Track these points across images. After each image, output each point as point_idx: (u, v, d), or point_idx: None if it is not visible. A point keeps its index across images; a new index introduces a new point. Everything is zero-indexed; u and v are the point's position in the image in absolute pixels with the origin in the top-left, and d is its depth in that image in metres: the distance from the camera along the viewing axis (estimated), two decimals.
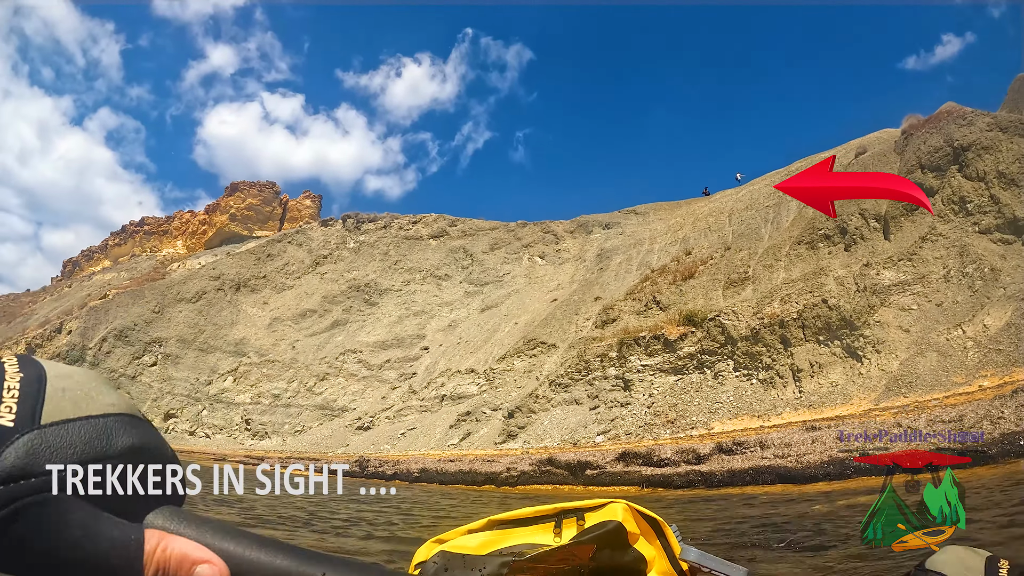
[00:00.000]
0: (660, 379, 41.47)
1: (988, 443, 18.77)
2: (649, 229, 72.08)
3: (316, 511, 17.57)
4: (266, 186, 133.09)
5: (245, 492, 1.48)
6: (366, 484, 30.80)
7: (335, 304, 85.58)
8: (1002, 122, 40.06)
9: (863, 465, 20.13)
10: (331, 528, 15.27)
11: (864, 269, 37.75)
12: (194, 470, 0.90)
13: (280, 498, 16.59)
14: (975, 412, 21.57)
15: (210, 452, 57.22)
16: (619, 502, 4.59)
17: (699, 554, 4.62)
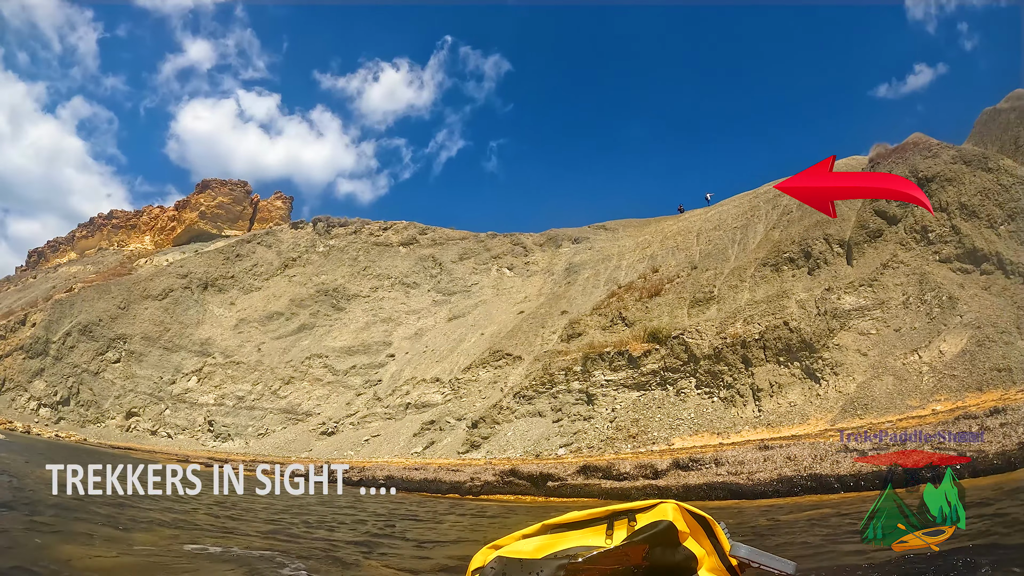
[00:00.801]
0: (623, 394, 41.92)
1: (927, 468, 19.39)
2: (618, 245, 72.53)
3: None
4: (237, 185, 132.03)
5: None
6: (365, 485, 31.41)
7: (302, 308, 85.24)
8: (966, 155, 41.05)
9: (810, 483, 20.80)
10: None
11: (825, 293, 38.45)
12: (194, 470, 1.11)
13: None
14: (916, 437, 22.23)
15: (172, 453, 56.89)
16: (669, 502, 4.99)
17: (749, 550, 5.03)
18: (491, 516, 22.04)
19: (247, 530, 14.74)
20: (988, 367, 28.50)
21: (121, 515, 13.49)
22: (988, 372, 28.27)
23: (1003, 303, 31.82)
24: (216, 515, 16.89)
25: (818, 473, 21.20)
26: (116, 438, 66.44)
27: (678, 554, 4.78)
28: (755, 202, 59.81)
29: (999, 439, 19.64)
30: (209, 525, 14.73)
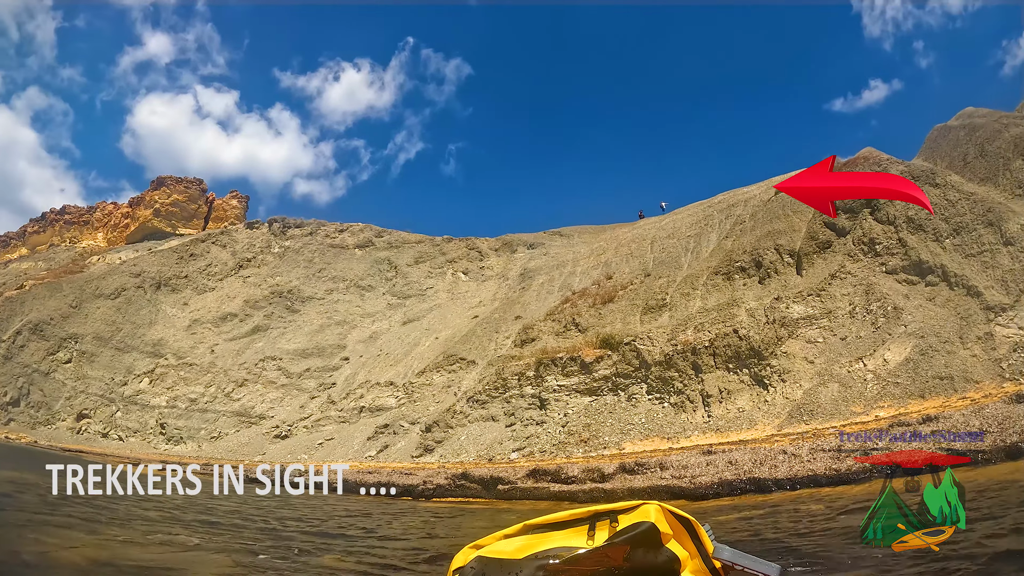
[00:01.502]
0: (575, 399, 42.16)
1: (860, 471, 20.24)
2: (573, 251, 73.01)
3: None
4: (193, 183, 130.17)
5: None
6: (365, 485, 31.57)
7: (257, 309, 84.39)
8: (915, 171, 41.97)
9: (748, 486, 21.35)
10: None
11: (775, 302, 39.09)
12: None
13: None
14: (852, 443, 23.04)
15: (124, 456, 55.92)
16: (652, 503, 5.03)
17: (733, 552, 5.09)
18: (443, 517, 22.21)
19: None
20: (930, 375, 29.20)
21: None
22: (930, 380, 28.97)
23: (946, 314, 32.57)
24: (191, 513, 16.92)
25: (756, 476, 21.79)
26: (67, 440, 65.04)
27: (660, 555, 4.77)
28: (709, 211, 60.50)
29: (928, 446, 20.11)
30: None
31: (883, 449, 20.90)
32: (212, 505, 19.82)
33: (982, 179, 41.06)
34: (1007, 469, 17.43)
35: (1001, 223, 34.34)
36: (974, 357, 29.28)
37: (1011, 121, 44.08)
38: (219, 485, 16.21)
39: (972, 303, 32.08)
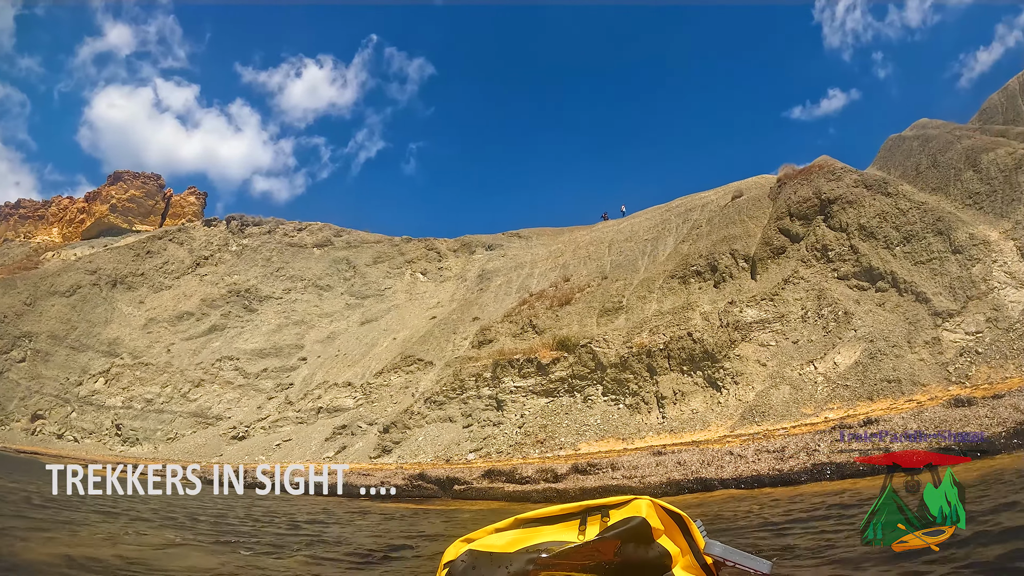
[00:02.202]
0: (532, 400, 42.39)
1: (801, 471, 20.80)
2: (531, 253, 73.24)
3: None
4: (150, 178, 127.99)
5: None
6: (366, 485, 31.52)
7: (214, 308, 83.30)
8: (868, 180, 42.71)
9: (695, 485, 21.85)
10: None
11: (729, 306, 39.58)
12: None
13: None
14: (796, 444, 23.73)
15: (80, 458, 55.06)
16: (643, 498, 5.04)
17: (724, 548, 5.12)
18: (399, 517, 22.27)
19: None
20: (879, 378, 29.75)
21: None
22: (879, 383, 29.51)
23: (895, 319, 33.17)
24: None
25: (703, 476, 22.22)
26: (21, 441, 63.62)
27: (652, 551, 4.72)
28: (667, 215, 61.00)
29: (867, 448, 20.70)
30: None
31: (824, 451, 21.53)
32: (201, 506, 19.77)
33: (934, 189, 41.84)
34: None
35: (950, 232, 35.04)
36: (921, 361, 29.87)
37: (963, 133, 44.97)
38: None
39: (920, 309, 32.69)
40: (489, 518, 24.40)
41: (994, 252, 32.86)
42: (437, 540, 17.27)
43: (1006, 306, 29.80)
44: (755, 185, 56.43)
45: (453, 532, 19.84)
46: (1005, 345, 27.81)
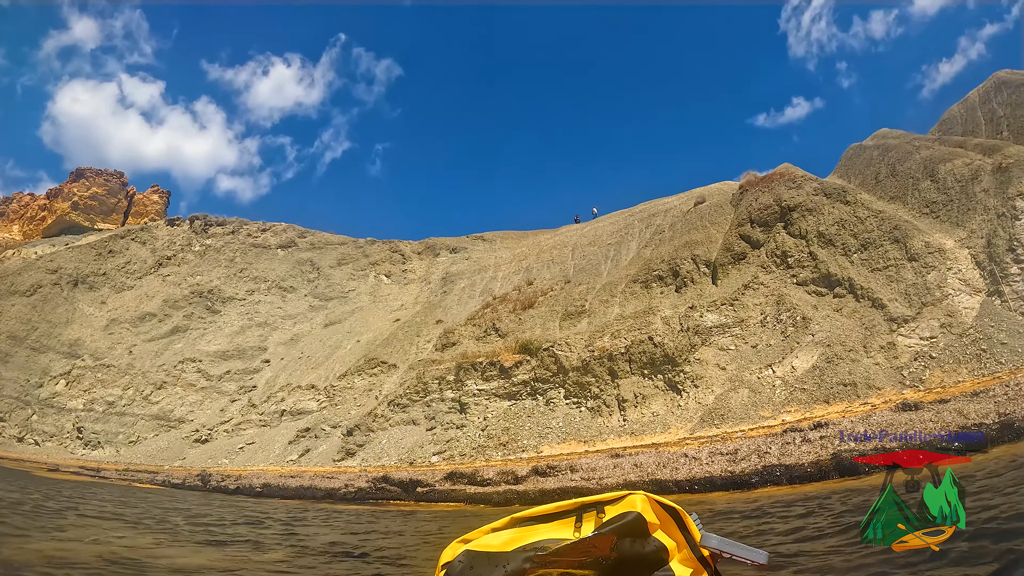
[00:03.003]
0: (495, 403, 42.60)
1: (752, 473, 21.25)
2: (495, 257, 73.61)
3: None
4: (113, 176, 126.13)
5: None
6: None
7: (176, 309, 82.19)
8: (827, 188, 43.36)
9: (651, 487, 22.33)
10: None
11: (689, 311, 40.03)
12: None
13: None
14: (748, 447, 24.22)
15: (42, 462, 54.33)
16: (638, 493, 5.08)
17: (720, 540, 5.16)
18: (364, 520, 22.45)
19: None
20: (835, 382, 30.27)
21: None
22: (835, 386, 30.03)
23: (852, 324, 33.75)
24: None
25: (658, 478, 22.62)
26: None
27: (648, 545, 4.74)
28: (630, 220, 61.49)
29: (817, 450, 21.22)
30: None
31: (775, 454, 21.95)
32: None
33: (892, 197, 42.57)
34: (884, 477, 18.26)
35: (906, 240, 35.69)
36: (877, 365, 30.45)
37: (922, 144, 45.75)
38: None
39: (876, 314, 33.29)
40: (450, 516, 24.56)
41: (949, 260, 33.55)
42: (400, 536, 17.41)
43: (960, 312, 30.48)
44: (718, 192, 57.03)
45: (418, 529, 20.00)
46: (958, 350, 28.44)
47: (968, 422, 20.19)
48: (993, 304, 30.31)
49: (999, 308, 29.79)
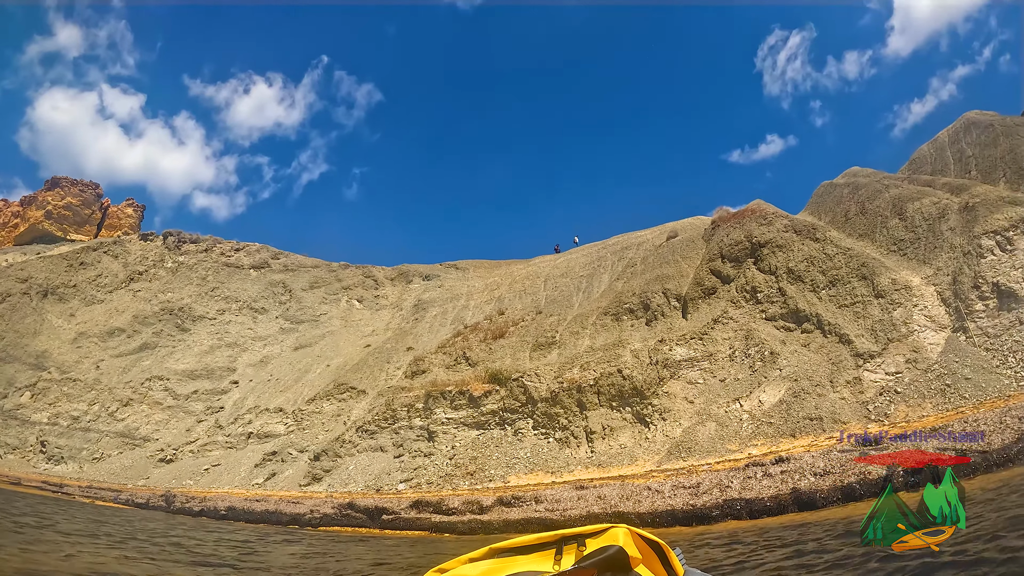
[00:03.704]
0: (463, 432, 42.51)
1: (713, 507, 21.45)
2: (467, 285, 73.77)
3: None
4: (88, 186, 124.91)
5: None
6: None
7: (146, 326, 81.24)
8: (797, 225, 43.92)
9: (613, 519, 22.42)
10: None
11: (659, 344, 40.28)
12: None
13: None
14: (710, 480, 24.46)
15: (3, 474, 53.49)
16: (620, 527, 4.98)
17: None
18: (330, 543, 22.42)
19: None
20: (802, 416, 30.50)
21: None
22: (802, 421, 30.25)
23: (819, 359, 34.08)
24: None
25: (621, 511, 22.78)
26: None
27: None
28: (602, 252, 61.98)
29: (777, 485, 21.41)
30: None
31: (736, 487, 22.09)
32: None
33: (861, 235, 43.22)
34: (843, 512, 18.59)
35: (874, 277, 36.18)
36: (843, 400, 30.74)
37: (892, 182, 46.53)
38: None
39: (843, 350, 33.65)
40: (411, 542, 24.48)
41: (915, 296, 34.08)
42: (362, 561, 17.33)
43: (925, 348, 30.89)
44: (690, 226, 57.59)
45: (381, 557, 19.94)
46: (923, 385, 28.78)
47: (926, 458, 20.43)
48: (958, 340, 30.73)
49: (964, 344, 30.19)
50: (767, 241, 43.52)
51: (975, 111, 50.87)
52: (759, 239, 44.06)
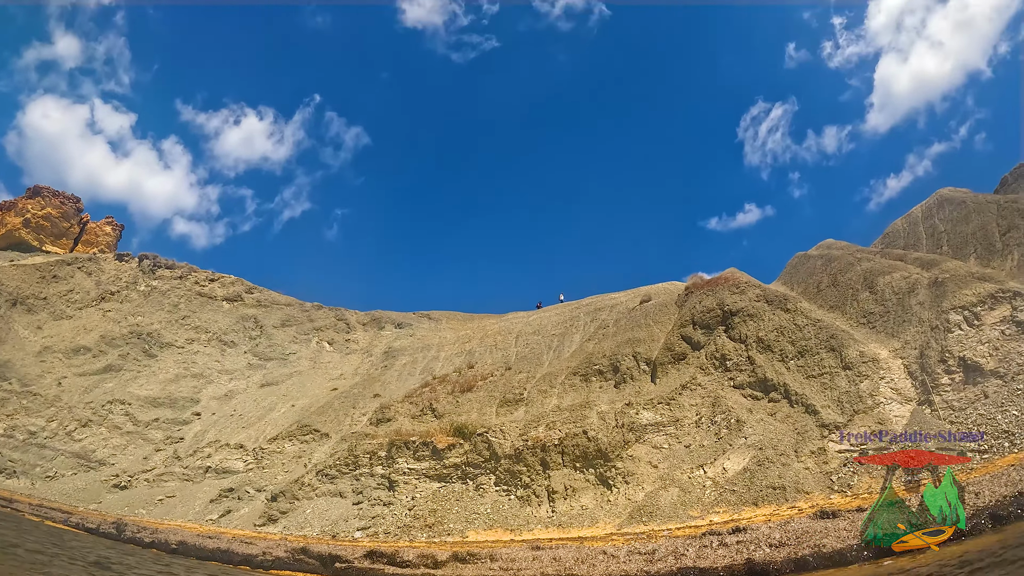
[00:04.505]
0: (424, 484, 42.09)
1: (667, 574, 21.43)
2: (439, 336, 73.60)
3: None
4: (70, 199, 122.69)
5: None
6: None
7: (113, 347, 79.48)
8: (769, 295, 44.43)
9: None
10: None
11: (626, 407, 40.42)
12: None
13: None
14: (666, 547, 24.43)
15: None
16: None
17: None
18: None
19: None
20: (765, 485, 30.56)
21: None
22: (765, 489, 30.31)
23: (785, 428, 34.28)
24: None
25: (575, 574, 22.72)
26: None
27: None
28: (576, 312, 62.39)
29: (732, 555, 21.41)
30: None
31: (692, 556, 22.06)
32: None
33: (832, 307, 43.77)
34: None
35: (842, 349, 36.60)
36: (807, 469, 30.86)
37: (864, 256, 47.29)
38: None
39: (809, 420, 33.91)
40: None
41: (882, 369, 34.53)
42: None
43: (890, 420, 31.19)
44: (664, 291, 58.12)
45: None
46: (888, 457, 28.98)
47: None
48: (923, 413, 31.04)
49: (928, 417, 30.48)
50: (739, 310, 43.95)
51: (949, 188, 52.04)
52: (731, 307, 44.49)
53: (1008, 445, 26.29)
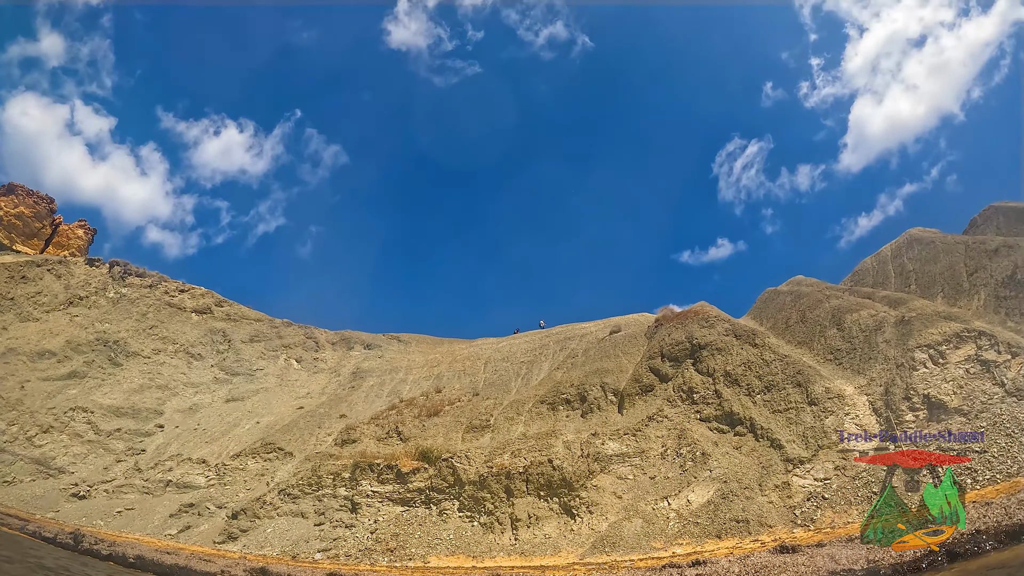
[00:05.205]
0: (387, 507, 41.82)
1: None
2: (408, 359, 73.27)
3: None
4: (44, 199, 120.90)
5: None
6: None
7: (78, 353, 78.01)
8: (738, 329, 44.83)
9: None
10: None
11: (592, 437, 40.48)
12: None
13: None
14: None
15: None
16: None
17: None
18: None
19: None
20: (728, 517, 30.72)
21: None
22: (728, 522, 30.46)
23: (750, 462, 34.51)
24: None
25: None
26: None
27: None
28: (546, 341, 62.61)
29: None
30: None
31: None
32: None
33: (800, 342, 44.23)
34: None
35: (808, 384, 36.98)
36: (771, 503, 31.09)
37: (833, 293, 47.89)
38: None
39: (774, 454, 34.17)
40: None
41: (847, 405, 34.97)
42: None
43: (854, 455, 31.42)
44: (634, 322, 58.51)
45: None
46: (851, 492, 29.35)
47: (838, 567, 20.83)
48: (887, 449, 31.31)
49: (892, 453, 30.81)
50: (707, 343, 44.32)
51: (918, 228, 52.89)
52: (700, 341, 44.85)
53: (971, 482, 26.67)
